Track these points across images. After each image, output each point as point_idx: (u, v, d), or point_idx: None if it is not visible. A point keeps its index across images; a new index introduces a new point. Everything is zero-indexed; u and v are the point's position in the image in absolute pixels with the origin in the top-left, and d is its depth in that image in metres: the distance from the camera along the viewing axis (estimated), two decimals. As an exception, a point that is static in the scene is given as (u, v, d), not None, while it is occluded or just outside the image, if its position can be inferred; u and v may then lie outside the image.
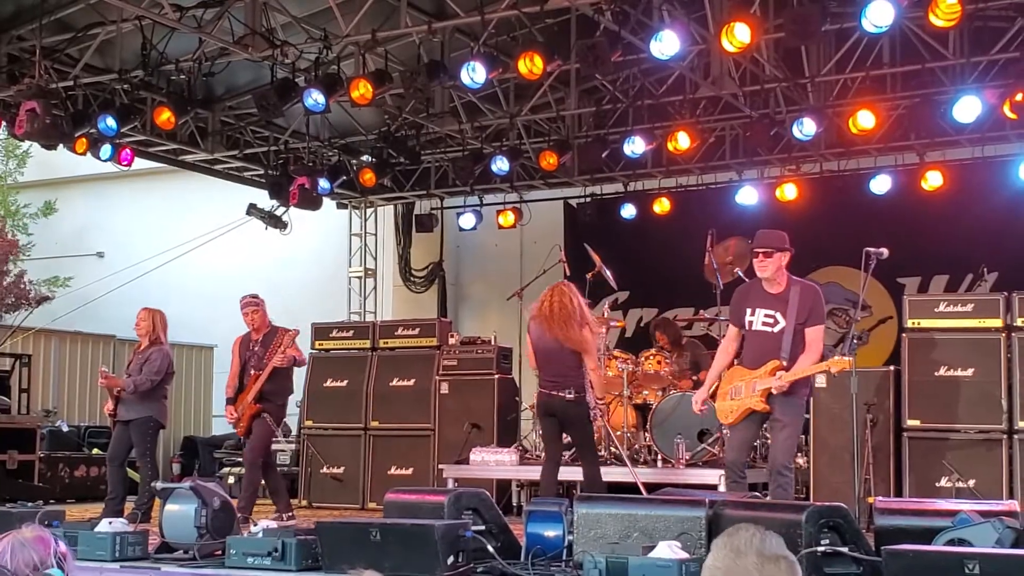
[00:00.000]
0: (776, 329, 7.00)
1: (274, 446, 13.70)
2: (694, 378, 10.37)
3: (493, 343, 11.68)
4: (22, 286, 17.37)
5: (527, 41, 9.74)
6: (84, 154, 11.83)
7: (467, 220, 14.43)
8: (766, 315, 7.06)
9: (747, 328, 7.17)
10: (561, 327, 7.97)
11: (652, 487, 8.06)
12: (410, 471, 11.68)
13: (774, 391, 6.87)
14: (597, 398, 8.43)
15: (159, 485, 6.40)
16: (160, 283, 15.61)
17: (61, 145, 11.24)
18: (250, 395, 9.30)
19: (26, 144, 17.15)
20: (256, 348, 9.46)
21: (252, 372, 9.36)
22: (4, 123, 11.45)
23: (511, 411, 11.44)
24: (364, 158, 13.84)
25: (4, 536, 2.99)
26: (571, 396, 7.99)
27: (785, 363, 6.90)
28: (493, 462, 10.04)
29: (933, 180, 12.14)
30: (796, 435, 7.26)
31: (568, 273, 11.40)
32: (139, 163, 13.22)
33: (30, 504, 6.51)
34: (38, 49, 10.29)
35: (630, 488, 8.59)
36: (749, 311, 7.15)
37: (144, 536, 6.13)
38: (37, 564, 2.98)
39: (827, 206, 12.82)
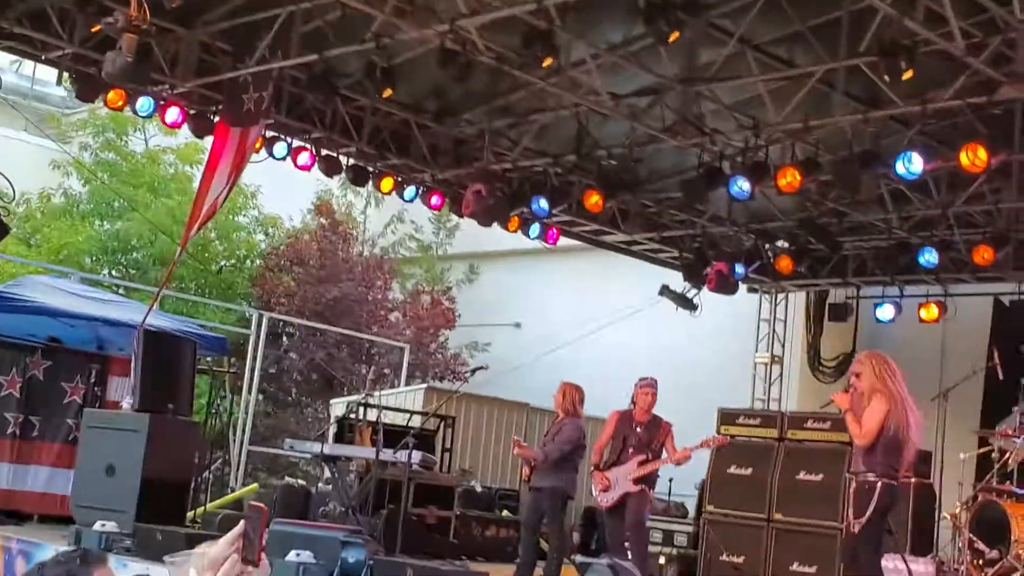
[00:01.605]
0: None
1: (672, 527, 13.84)
2: None
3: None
4: (450, 359, 18.67)
5: (968, 130, 9.33)
6: (515, 231, 12.57)
7: (886, 311, 13.90)
8: None
9: None
10: None
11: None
12: (813, 568, 11.28)
13: None
14: None
15: (578, 559, 6.59)
16: (572, 355, 16.18)
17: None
18: (632, 475, 9.45)
19: (455, 218, 18.49)
20: (639, 431, 9.61)
21: (632, 451, 9.53)
22: (448, 200, 12.41)
23: (928, 518, 10.82)
24: (780, 243, 13.72)
25: None
26: None
27: None
28: (907, 571, 9.50)
29: None
30: None
31: (1001, 376, 10.74)
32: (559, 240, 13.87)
33: (458, 563, 6.87)
34: (486, 133, 11.05)
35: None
36: None
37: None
38: None
39: None
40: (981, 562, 9.38)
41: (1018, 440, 9.70)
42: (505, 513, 13.85)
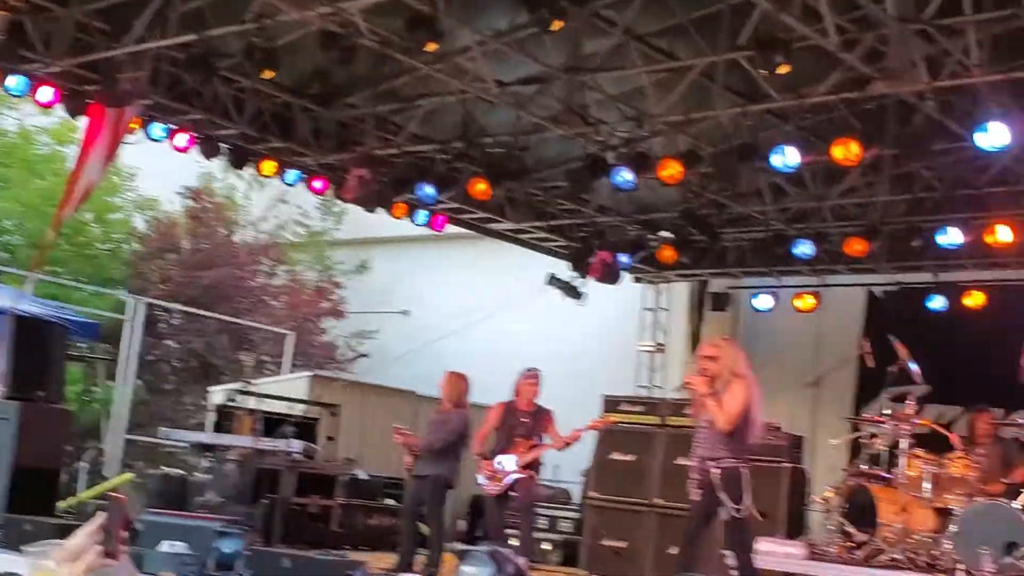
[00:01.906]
0: None
1: (556, 513, 13.95)
2: (1004, 480, 9.73)
3: (784, 430, 11.39)
4: (335, 348, 18.48)
5: (842, 125, 9.57)
6: (401, 218, 12.51)
7: (763, 301, 14.20)
8: None
9: None
10: None
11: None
12: (691, 552, 11.49)
13: None
14: None
15: (458, 547, 6.60)
16: (459, 344, 16.18)
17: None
18: (521, 460, 9.56)
19: (343, 204, 18.32)
20: (525, 420, 9.69)
21: (522, 440, 9.60)
22: (332, 185, 12.29)
23: (800, 502, 11.09)
24: (664, 234, 13.92)
25: None
26: None
27: None
28: (780, 553, 9.74)
29: None
30: None
31: (872, 364, 11.04)
32: (446, 228, 13.85)
33: (335, 552, 6.83)
34: (369, 118, 10.97)
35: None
36: None
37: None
38: None
39: None
40: (851, 544, 9.64)
41: (886, 426, 9.99)
42: (390, 502, 13.81)
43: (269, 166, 12.09)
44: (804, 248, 12.16)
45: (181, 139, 11.38)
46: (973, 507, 9.18)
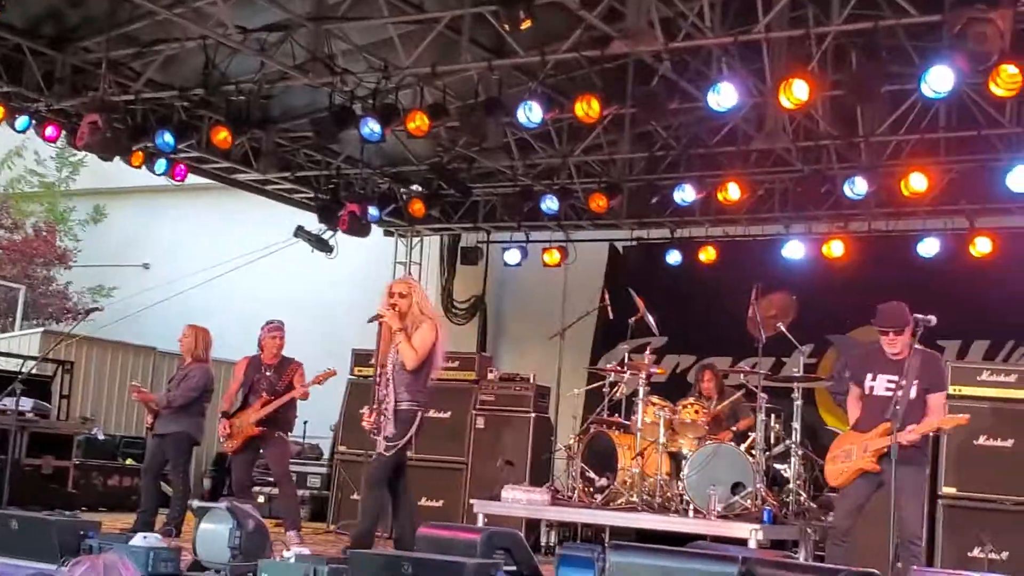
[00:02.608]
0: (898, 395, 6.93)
1: (306, 469, 13.85)
2: (732, 428, 10.34)
3: (532, 381, 11.69)
4: (69, 300, 17.59)
5: (585, 84, 9.80)
6: (139, 167, 12.01)
7: (512, 256, 14.46)
8: (888, 380, 7.09)
9: (866, 393, 7.25)
10: None
11: (684, 537, 8.01)
12: (440, 503, 11.68)
13: (904, 442, 6.75)
14: None
15: (195, 504, 6.44)
16: (203, 298, 15.75)
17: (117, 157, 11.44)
18: (254, 416, 9.32)
19: (81, 153, 17.44)
20: (268, 373, 9.50)
21: (263, 395, 9.37)
22: (64, 133, 11.66)
23: (545, 450, 11.43)
24: (414, 188, 13.93)
25: (83, 561, 2.97)
26: None
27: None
28: (525, 500, 10.02)
29: (982, 246, 12.05)
30: (922, 504, 7.27)
31: (612, 316, 11.45)
32: (190, 178, 13.40)
33: (67, 513, 6.55)
34: (104, 62, 10.46)
35: (661, 537, 8.55)
36: (870, 376, 7.21)
37: (177, 553, 6.16)
38: None
39: (873, 265, 12.75)
40: (592, 489, 10.02)
41: (625, 375, 10.40)
42: (130, 462, 13.39)
43: (-3, 111, 11.35)
44: (550, 203, 12.45)
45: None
46: (703, 450, 9.70)
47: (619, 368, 10.51)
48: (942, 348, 11.71)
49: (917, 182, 10.75)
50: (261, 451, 9.58)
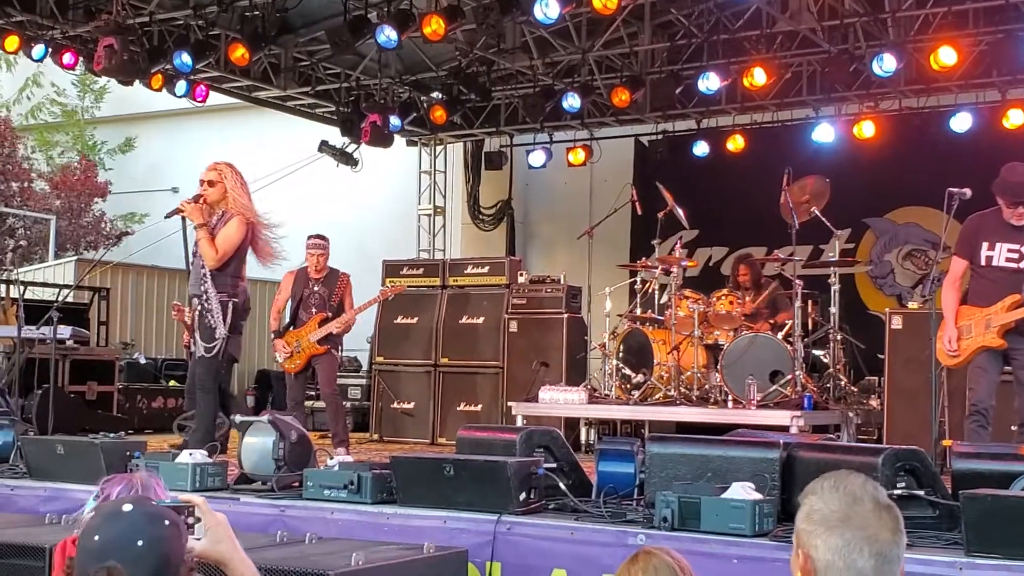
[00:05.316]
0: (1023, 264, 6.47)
1: (347, 382, 13.98)
2: (771, 321, 10.23)
3: (563, 282, 11.67)
4: (102, 226, 17.72)
5: (602, -25, 9.58)
6: (160, 90, 11.98)
7: (536, 158, 14.33)
8: (1010, 249, 6.56)
9: (983, 263, 6.63)
10: None
11: (723, 428, 8.03)
12: (478, 407, 11.78)
13: None
14: None
15: (238, 418, 6.48)
16: (233, 218, 15.76)
17: (137, 81, 11.37)
18: (315, 335, 9.17)
19: (103, 80, 17.39)
20: (317, 288, 9.29)
21: (314, 311, 9.24)
22: (82, 59, 11.60)
23: (580, 350, 11.46)
24: (435, 95, 13.80)
25: (118, 480, 2.98)
26: None
27: None
28: (562, 400, 10.07)
29: (1015, 118, 11.83)
30: None
31: (640, 212, 11.37)
32: (214, 99, 13.32)
33: (112, 435, 6.63)
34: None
35: (700, 428, 8.59)
36: (987, 245, 6.61)
37: (223, 467, 6.24)
38: None
39: (906, 144, 12.56)
40: (629, 386, 10.05)
41: (656, 270, 10.35)
42: (173, 383, 13.56)
43: (12, 41, 11.29)
44: (572, 101, 12.29)
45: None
46: (739, 340, 9.68)
47: (651, 264, 10.45)
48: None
49: (946, 56, 10.51)
50: (315, 367, 9.46)
